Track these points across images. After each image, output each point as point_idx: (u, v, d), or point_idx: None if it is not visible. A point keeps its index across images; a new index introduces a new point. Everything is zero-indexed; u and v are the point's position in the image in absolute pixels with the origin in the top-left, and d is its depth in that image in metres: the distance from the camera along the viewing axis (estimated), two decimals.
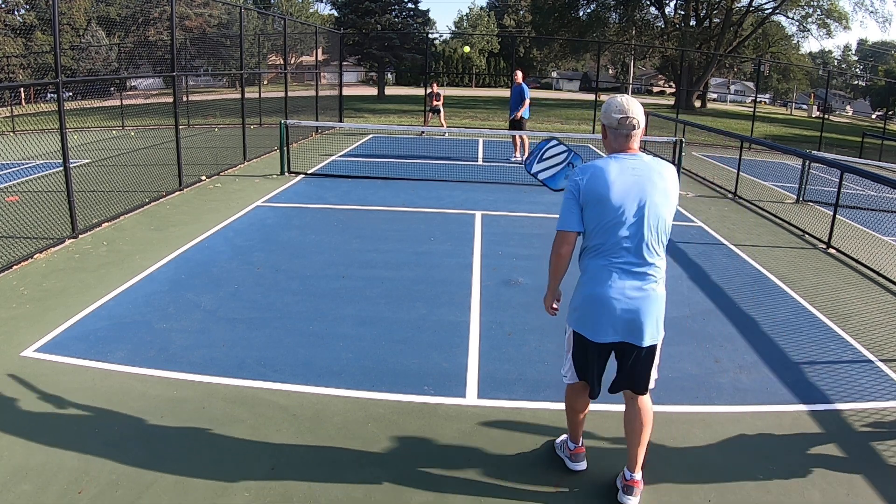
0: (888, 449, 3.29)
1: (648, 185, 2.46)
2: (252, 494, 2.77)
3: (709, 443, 3.27)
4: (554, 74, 63.19)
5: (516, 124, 12.10)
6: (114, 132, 16.33)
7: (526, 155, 12.21)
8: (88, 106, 18.56)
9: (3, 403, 3.40)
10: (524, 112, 11.91)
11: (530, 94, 12.04)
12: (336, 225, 7.28)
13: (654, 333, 2.57)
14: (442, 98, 16.52)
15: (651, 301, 2.52)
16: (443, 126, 16.12)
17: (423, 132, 15.99)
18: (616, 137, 2.54)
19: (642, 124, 2.52)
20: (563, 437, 3.12)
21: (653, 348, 2.61)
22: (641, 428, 2.72)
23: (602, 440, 3.27)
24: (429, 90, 16.75)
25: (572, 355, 2.73)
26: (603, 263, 2.52)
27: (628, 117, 2.49)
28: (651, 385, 2.71)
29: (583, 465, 2.98)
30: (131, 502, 2.69)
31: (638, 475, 2.77)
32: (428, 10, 45.85)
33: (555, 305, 2.78)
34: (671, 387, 3.85)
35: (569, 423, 2.97)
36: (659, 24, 36.42)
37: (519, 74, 12.12)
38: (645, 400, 2.73)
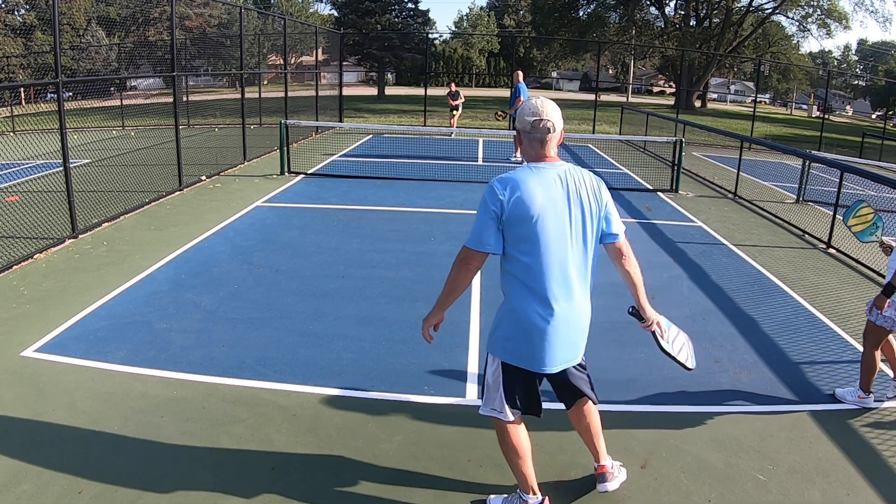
0: (888, 449, 3.29)
1: (574, 198, 2.32)
2: (252, 494, 2.77)
3: (709, 443, 3.27)
4: (554, 74, 63.19)
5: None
6: (114, 132, 16.34)
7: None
8: (88, 106, 18.55)
9: (3, 403, 3.40)
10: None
11: (528, 94, 12.05)
12: (336, 225, 7.28)
13: (582, 350, 2.52)
14: (462, 97, 16.33)
15: (585, 318, 2.45)
16: (452, 126, 16.03)
17: (452, 133, 15.87)
18: (531, 143, 2.36)
19: (558, 128, 2.35)
20: (502, 498, 2.74)
21: (583, 362, 2.59)
22: (590, 422, 2.74)
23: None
24: (448, 90, 16.48)
25: (505, 389, 2.48)
26: (534, 286, 2.32)
27: (542, 120, 2.31)
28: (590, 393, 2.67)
29: None
30: (131, 502, 2.69)
31: (606, 461, 2.80)
32: (428, 10, 45.84)
33: (432, 333, 2.55)
34: (671, 387, 3.85)
35: (517, 470, 2.59)
36: (659, 24, 36.44)
37: (519, 74, 12.16)
38: (587, 401, 2.72)
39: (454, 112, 16.41)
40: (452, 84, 16.78)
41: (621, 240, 2.47)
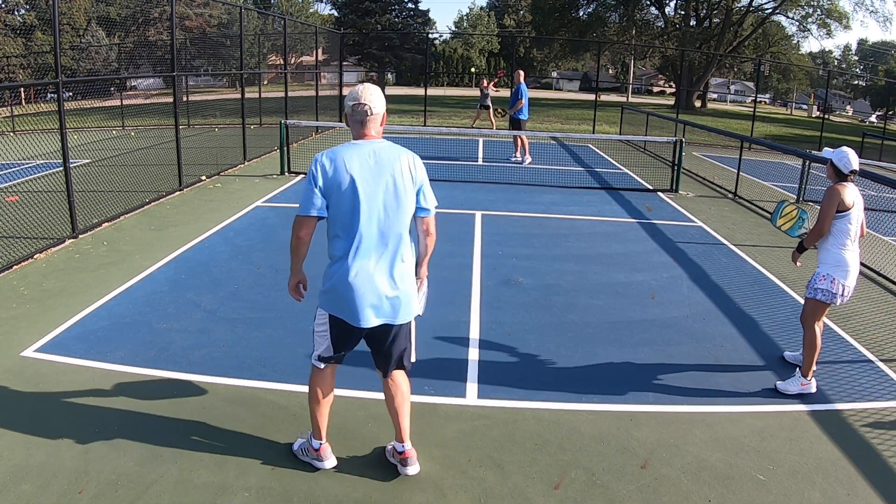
0: (888, 449, 3.29)
1: (386, 171, 2.61)
2: (252, 494, 2.77)
3: (709, 443, 3.27)
4: (554, 74, 63.16)
5: (515, 124, 12.10)
6: (114, 132, 16.33)
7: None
8: (88, 106, 18.56)
9: (3, 403, 3.41)
10: (518, 112, 11.86)
11: (528, 94, 12.01)
12: None
13: (406, 312, 2.73)
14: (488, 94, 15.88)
15: (399, 282, 2.68)
16: (492, 124, 15.83)
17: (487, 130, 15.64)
18: (353, 124, 2.69)
19: (376, 110, 2.66)
20: (300, 441, 3.07)
21: (406, 326, 2.80)
22: (403, 401, 2.90)
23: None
24: (484, 86, 15.97)
25: (330, 337, 2.78)
26: (348, 247, 2.61)
27: (360, 104, 2.63)
28: (412, 359, 2.92)
29: (333, 461, 2.97)
30: (131, 502, 2.69)
31: (409, 445, 2.94)
32: (428, 10, 45.89)
33: (302, 291, 2.89)
34: (671, 387, 3.86)
35: (312, 415, 2.93)
36: (659, 24, 36.43)
37: (520, 74, 12.10)
38: (402, 375, 2.91)
39: (487, 108, 15.85)
40: (484, 80, 16.28)
41: (430, 216, 2.80)
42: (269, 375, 3.80)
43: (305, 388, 3.65)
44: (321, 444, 2.95)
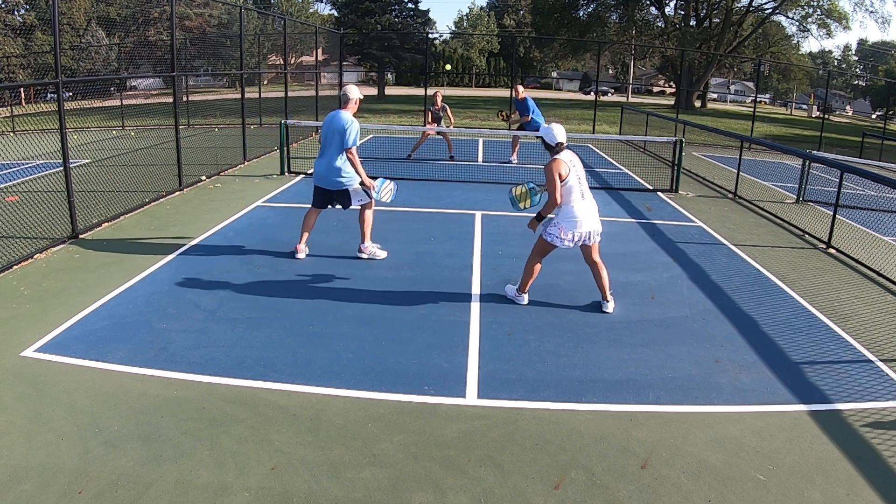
0: (888, 449, 3.29)
1: (330, 123, 5.67)
2: (252, 494, 2.77)
3: (709, 443, 3.27)
4: (554, 74, 63.16)
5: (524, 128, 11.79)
6: (114, 132, 16.33)
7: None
8: (88, 106, 18.56)
9: (3, 403, 3.40)
10: (531, 124, 11.62)
11: (532, 102, 11.79)
12: (336, 225, 7.28)
13: (334, 184, 5.68)
14: (450, 117, 12.59)
15: (327, 173, 5.69)
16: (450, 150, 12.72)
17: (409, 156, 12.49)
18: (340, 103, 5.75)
19: (343, 99, 5.70)
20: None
21: (342, 191, 5.72)
22: (362, 219, 5.97)
23: None
24: (437, 106, 12.42)
25: (314, 195, 5.93)
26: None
27: (342, 91, 5.70)
28: (355, 205, 5.79)
29: (304, 254, 6.03)
30: (131, 502, 2.69)
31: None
32: (428, 10, 45.79)
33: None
34: (671, 387, 3.86)
35: (302, 229, 5.99)
36: (659, 24, 36.43)
37: (519, 90, 11.57)
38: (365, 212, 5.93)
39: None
40: (439, 94, 12.38)
41: (349, 148, 5.57)
42: (269, 375, 3.80)
43: (305, 389, 3.70)
44: (298, 245, 5.94)
